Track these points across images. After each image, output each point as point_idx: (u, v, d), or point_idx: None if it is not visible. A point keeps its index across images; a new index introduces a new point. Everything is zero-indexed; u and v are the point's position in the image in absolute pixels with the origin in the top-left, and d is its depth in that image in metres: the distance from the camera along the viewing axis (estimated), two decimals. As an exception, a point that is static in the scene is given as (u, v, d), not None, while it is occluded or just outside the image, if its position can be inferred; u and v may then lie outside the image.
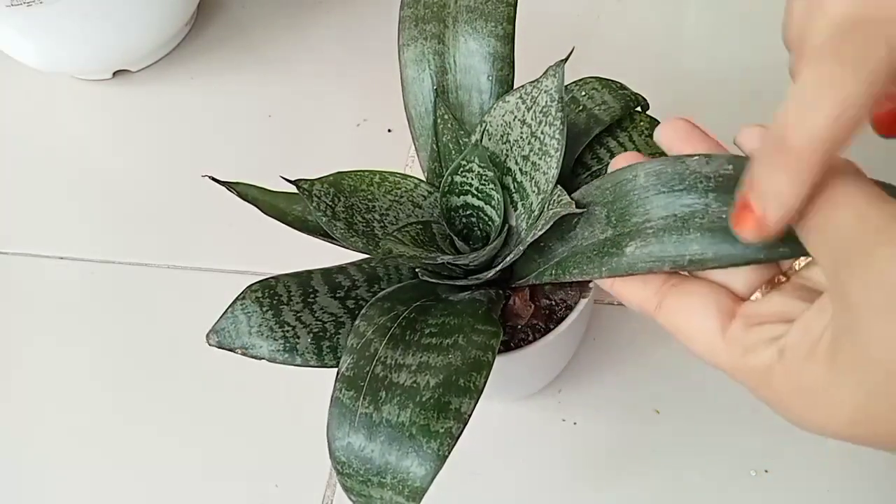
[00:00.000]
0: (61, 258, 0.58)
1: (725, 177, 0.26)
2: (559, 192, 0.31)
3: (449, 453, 0.27)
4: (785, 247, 0.25)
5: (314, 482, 0.45)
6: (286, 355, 0.32)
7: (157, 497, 0.47)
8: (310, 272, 0.35)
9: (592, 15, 0.62)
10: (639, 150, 0.37)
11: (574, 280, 0.31)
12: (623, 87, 0.39)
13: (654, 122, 0.39)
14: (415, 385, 0.28)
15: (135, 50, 0.64)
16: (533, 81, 0.33)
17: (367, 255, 0.34)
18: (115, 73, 0.66)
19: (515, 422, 0.45)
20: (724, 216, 0.26)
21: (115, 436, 0.49)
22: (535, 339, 0.37)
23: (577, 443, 0.44)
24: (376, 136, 0.58)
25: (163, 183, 0.60)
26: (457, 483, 0.44)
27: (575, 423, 0.45)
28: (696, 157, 0.27)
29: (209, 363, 0.50)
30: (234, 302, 0.33)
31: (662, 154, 0.38)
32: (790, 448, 0.42)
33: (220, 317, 0.33)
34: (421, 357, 0.30)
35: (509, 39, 0.37)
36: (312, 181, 0.31)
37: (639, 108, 0.39)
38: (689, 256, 0.26)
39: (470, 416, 0.27)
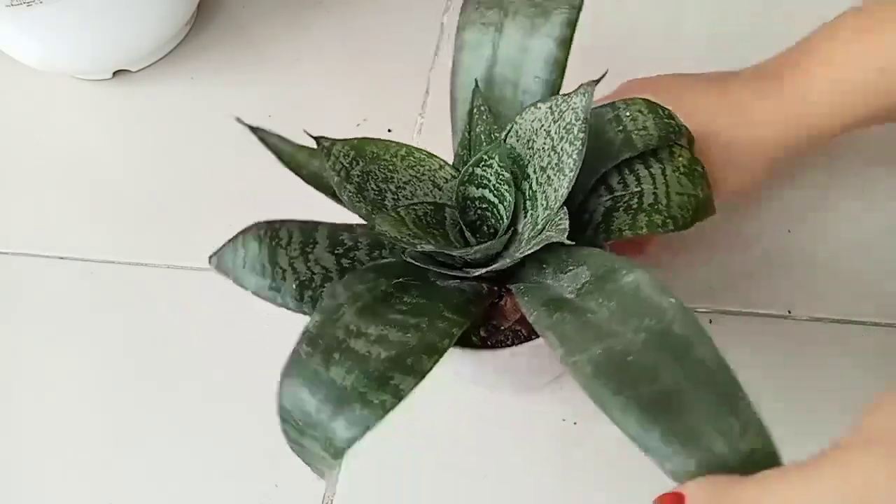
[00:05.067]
0: (61, 258, 0.58)
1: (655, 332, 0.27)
2: (562, 215, 0.31)
3: (375, 425, 0.27)
4: None
5: (314, 482, 0.45)
6: (269, 293, 0.34)
7: (157, 497, 0.47)
8: (317, 223, 0.36)
9: (592, 15, 0.62)
10: (667, 185, 0.35)
11: (522, 308, 0.32)
12: (671, 115, 0.37)
13: (694, 161, 0.37)
14: (367, 354, 0.29)
15: (135, 50, 0.64)
16: (565, 95, 0.32)
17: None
18: (115, 73, 0.66)
19: (515, 422, 0.46)
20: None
21: (115, 435, 0.49)
22: (513, 344, 0.37)
23: (577, 443, 0.44)
24: (376, 136, 0.58)
25: (163, 183, 0.60)
26: (456, 482, 0.44)
27: (575, 423, 0.45)
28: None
29: (209, 363, 0.50)
30: (238, 234, 0.35)
31: (688, 213, 0.35)
32: (789, 446, 0.42)
33: (224, 243, 0.35)
34: (382, 330, 0.30)
35: (567, 45, 0.36)
36: (334, 140, 0.32)
37: (683, 143, 0.37)
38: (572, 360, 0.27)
39: (405, 395, 0.28)
